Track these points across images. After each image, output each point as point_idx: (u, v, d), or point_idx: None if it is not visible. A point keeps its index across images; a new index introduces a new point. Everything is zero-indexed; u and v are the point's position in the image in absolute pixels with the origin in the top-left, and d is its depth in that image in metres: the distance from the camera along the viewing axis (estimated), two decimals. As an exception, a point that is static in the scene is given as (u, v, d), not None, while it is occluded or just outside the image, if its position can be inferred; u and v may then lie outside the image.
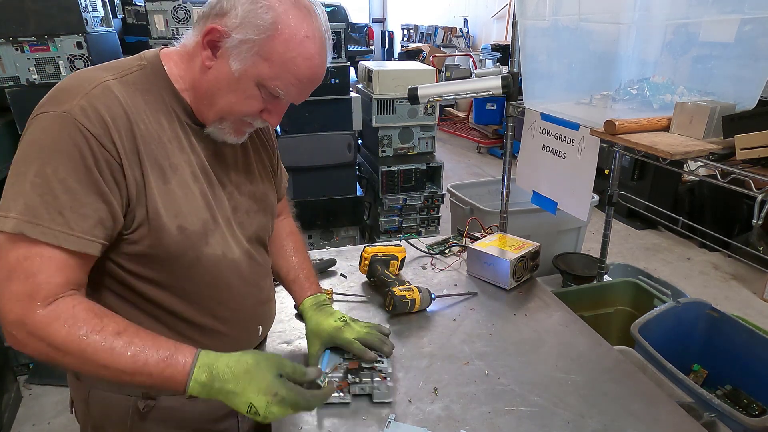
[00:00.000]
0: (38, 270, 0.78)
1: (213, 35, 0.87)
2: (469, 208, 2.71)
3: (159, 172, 0.89)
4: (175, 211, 0.90)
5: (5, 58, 2.41)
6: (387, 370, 1.16)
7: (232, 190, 1.03)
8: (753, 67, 1.15)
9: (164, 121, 0.92)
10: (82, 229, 0.81)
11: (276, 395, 0.85)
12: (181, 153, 0.93)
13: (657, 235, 4.25)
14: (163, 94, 0.92)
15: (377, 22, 13.54)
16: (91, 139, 0.81)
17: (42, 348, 0.79)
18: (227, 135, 0.96)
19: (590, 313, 2.10)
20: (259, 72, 0.87)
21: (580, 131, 1.36)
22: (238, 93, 0.90)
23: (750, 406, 1.67)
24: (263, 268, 1.12)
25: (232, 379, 0.84)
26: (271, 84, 0.89)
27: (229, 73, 0.88)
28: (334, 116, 3.03)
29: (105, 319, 0.82)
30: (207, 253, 0.95)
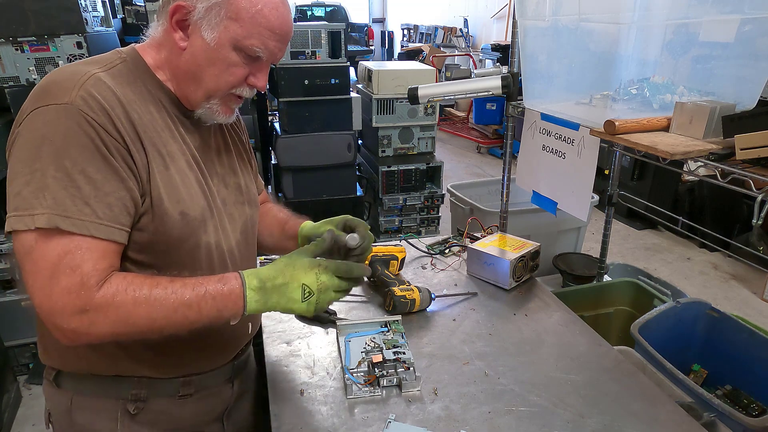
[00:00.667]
0: (82, 261, 0.79)
1: (179, 13, 0.87)
2: (469, 208, 2.71)
3: (160, 158, 0.90)
4: (177, 197, 0.91)
5: (5, 58, 2.41)
6: (410, 360, 1.18)
7: (219, 181, 1.04)
8: (753, 67, 1.15)
9: (153, 110, 0.92)
10: (110, 217, 0.82)
11: (320, 266, 0.93)
12: (174, 141, 0.94)
13: (657, 235, 4.25)
14: (148, 86, 0.93)
15: (377, 22, 13.55)
16: (99, 128, 0.82)
17: (108, 324, 0.81)
18: (217, 114, 0.96)
19: (590, 313, 2.10)
20: (232, 35, 0.87)
21: (580, 131, 1.36)
22: (219, 63, 0.90)
23: (750, 406, 1.67)
24: (250, 262, 1.13)
25: (278, 274, 0.91)
26: (247, 43, 0.89)
27: (204, 45, 0.88)
28: (334, 116, 3.03)
29: (155, 277, 0.86)
30: (205, 240, 0.97)
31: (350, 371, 1.16)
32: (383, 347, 1.23)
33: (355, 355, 1.21)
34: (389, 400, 1.11)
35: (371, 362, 1.17)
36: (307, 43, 2.91)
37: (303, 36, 2.89)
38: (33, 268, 0.79)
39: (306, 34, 2.89)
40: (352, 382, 1.13)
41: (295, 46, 2.90)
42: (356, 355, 1.21)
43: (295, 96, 2.94)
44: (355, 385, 1.13)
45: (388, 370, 1.15)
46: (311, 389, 1.15)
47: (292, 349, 1.29)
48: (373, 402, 1.11)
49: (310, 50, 2.92)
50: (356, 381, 1.14)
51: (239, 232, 1.07)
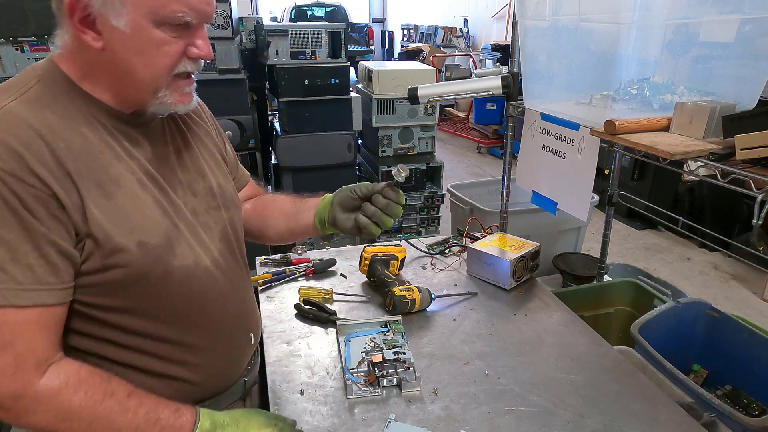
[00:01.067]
0: (12, 338, 0.71)
1: (77, 10, 0.75)
2: (469, 208, 2.71)
3: (98, 189, 0.79)
4: (130, 226, 0.81)
5: (5, 58, 2.41)
6: (410, 360, 1.18)
7: (185, 192, 0.93)
8: (753, 67, 1.15)
9: (86, 131, 0.80)
10: (32, 279, 0.72)
11: (276, 426, 0.91)
12: (119, 162, 0.83)
13: (657, 235, 4.25)
14: (75, 102, 0.81)
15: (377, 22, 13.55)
16: (9, 179, 0.70)
17: (44, 420, 0.74)
18: (173, 104, 0.85)
19: (590, 313, 2.10)
20: (145, 10, 0.76)
21: (580, 131, 1.36)
22: (146, 48, 0.78)
23: (750, 406, 1.67)
24: (239, 268, 1.04)
25: (232, 422, 0.88)
26: (167, 12, 0.77)
27: (121, 35, 0.76)
28: (334, 116, 3.03)
29: (113, 382, 0.79)
30: (176, 265, 0.87)
31: (350, 371, 1.16)
32: (383, 347, 1.23)
33: (355, 355, 1.21)
34: (389, 400, 1.11)
35: (371, 362, 1.17)
36: (307, 43, 2.91)
37: (303, 36, 2.89)
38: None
39: (306, 34, 2.89)
40: (352, 382, 1.13)
41: (295, 46, 2.90)
42: (356, 355, 1.21)
43: (295, 96, 2.94)
44: (355, 385, 1.13)
45: (388, 370, 1.15)
46: (311, 389, 1.15)
47: (292, 349, 1.29)
48: (373, 402, 1.11)
49: (310, 50, 2.92)
50: (356, 381, 1.14)
51: (219, 240, 0.97)
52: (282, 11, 11.14)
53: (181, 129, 0.98)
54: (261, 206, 1.24)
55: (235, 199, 1.06)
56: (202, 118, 1.06)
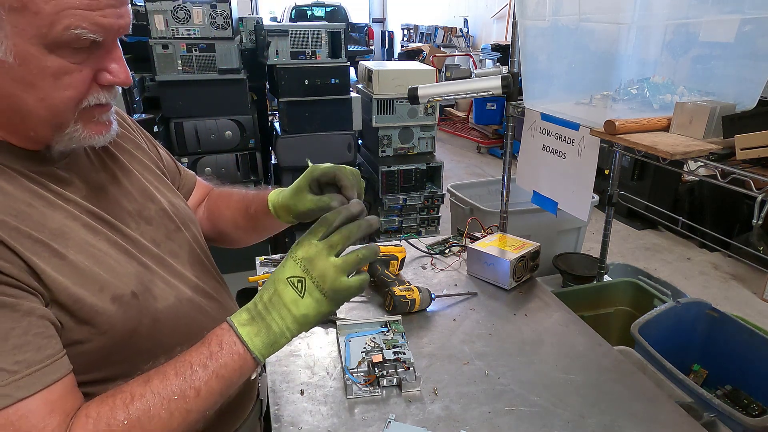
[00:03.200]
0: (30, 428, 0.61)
1: None
2: (469, 208, 2.71)
3: (44, 249, 0.65)
4: (98, 284, 0.69)
5: (5, 58, 2.40)
6: (410, 360, 1.18)
7: (138, 223, 0.81)
8: (753, 67, 1.15)
9: (3, 184, 0.66)
10: (28, 362, 0.61)
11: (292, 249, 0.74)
12: (54, 211, 0.69)
13: (657, 235, 4.24)
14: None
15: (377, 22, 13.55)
16: None
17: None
18: (87, 138, 0.70)
19: (590, 313, 2.10)
20: (33, 32, 0.59)
21: (580, 131, 1.36)
22: (38, 80, 0.62)
23: (750, 406, 1.67)
24: (218, 285, 0.95)
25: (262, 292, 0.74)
26: (60, 31, 0.60)
27: (4, 68, 0.61)
28: (334, 116, 3.03)
29: (124, 388, 0.67)
30: (160, 309, 0.77)
31: (350, 371, 1.16)
32: (383, 347, 1.23)
33: (355, 355, 1.21)
34: (389, 400, 1.11)
35: (371, 362, 1.17)
36: (307, 43, 2.90)
37: (303, 36, 2.89)
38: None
39: (306, 34, 2.89)
40: (352, 382, 1.13)
41: (295, 46, 2.90)
42: (356, 355, 1.21)
43: (295, 96, 2.94)
44: (355, 385, 1.13)
45: (388, 370, 1.15)
46: (311, 389, 1.15)
47: (292, 349, 1.29)
48: (373, 402, 1.11)
49: (310, 50, 2.92)
50: (356, 381, 1.14)
51: (189, 264, 0.87)
52: (282, 11, 11.14)
53: (110, 151, 0.83)
54: (214, 206, 1.09)
55: (190, 214, 0.95)
56: (127, 131, 0.91)
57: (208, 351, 0.69)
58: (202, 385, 0.67)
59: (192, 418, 0.67)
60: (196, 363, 0.68)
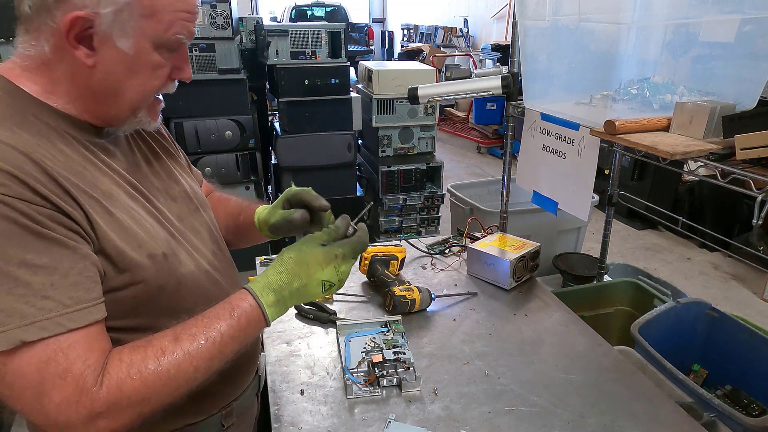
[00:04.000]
0: (69, 364, 0.67)
1: (79, 26, 0.70)
2: (469, 208, 2.71)
3: (98, 205, 0.74)
4: (137, 240, 0.77)
5: (5, 58, 2.40)
6: (410, 360, 1.18)
7: (166, 199, 0.91)
8: (753, 67, 1.15)
9: (64, 147, 0.75)
10: (78, 299, 0.69)
11: (336, 257, 0.88)
12: (104, 176, 0.78)
13: (657, 235, 4.24)
14: (43, 119, 0.75)
15: (377, 22, 13.55)
16: (16, 203, 0.65)
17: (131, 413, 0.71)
18: (145, 123, 0.85)
19: (590, 313, 2.10)
20: (151, 33, 0.74)
21: (580, 131, 1.36)
22: (142, 71, 0.77)
23: (750, 406, 1.67)
24: (231, 266, 1.04)
25: (292, 278, 0.85)
26: (170, 36, 0.75)
27: (121, 56, 0.74)
28: (334, 116, 3.03)
29: (155, 342, 0.74)
30: (184, 273, 0.85)
31: (350, 371, 1.16)
32: (383, 347, 1.23)
33: (355, 355, 1.21)
34: (389, 400, 1.11)
35: (371, 362, 1.17)
36: (307, 43, 2.91)
37: (303, 36, 2.89)
38: (12, 393, 0.66)
39: (306, 34, 2.89)
40: (352, 382, 1.13)
41: (295, 46, 2.90)
42: (356, 355, 1.21)
43: (295, 96, 2.94)
44: (355, 385, 1.13)
45: (388, 370, 1.15)
46: (311, 389, 1.15)
47: (292, 349, 1.29)
48: (373, 402, 1.11)
49: (310, 50, 2.92)
50: (356, 381, 1.14)
51: (210, 241, 0.96)
52: (282, 11, 11.14)
53: (143, 137, 0.95)
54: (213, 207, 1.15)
55: (205, 200, 1.04)
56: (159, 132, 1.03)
57: (237, 324, 0.79)
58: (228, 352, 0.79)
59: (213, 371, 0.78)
60: (226, 334, 0.78)
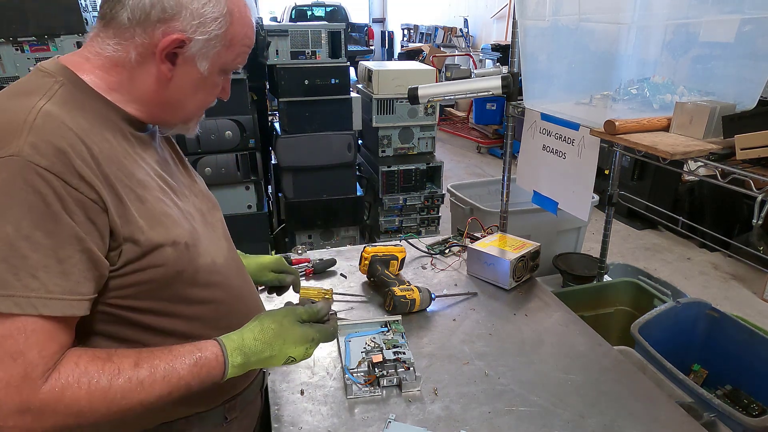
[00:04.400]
0: (26, 347, 0.67)
1: (174, 45, 0.79)
2: (469, 208, 2.71)
3: (132, 193, 0.79)
4: (164, 228, 0.82)
5: (5, 58, 2.41)
6: (410, 360, 1.18)
7: (189, 194, 0.96)
8: (753, 67, 1.15)
9: (110, 136, 0.80)
10: (63, 289, 0.70)
11: (312, 340, 0.92)
12: (138, 167, 0.83)
13: (657, 235, 4.24)
14: (98, 109, 0.81)
15: (377, 22, 13.55)
16: (55, 181, 0.68)
17: (61, 420, 0.70)
18: (189, 131, 0.94)
19: (590, 313, 2.10)
20: (223, 60, 0.85)
21: (580, 131, 1.36)
22: (207, 89, 0.88)
23: (750, 406, 1.67)
24: (242, 265, 1.07)
25: (266, 347, 0.87)
26: (234, 65, 0.87)
27: (196, 75, 0.84)
28: (334, 116, 3.03)
29: (115, 359, 0.75)
30: (201, 263, 0.89)
31: (350, 371, 1.16)
32: (383, 347, 1.23)
33: (355, 355, 1.21)
34: (389, 400, 1.11)
35: (371, 362, 1.17)
36: (307, 43, 2.90)
37: (303, 36, 2.89)
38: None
39: (306, 34, 2.89)
40: (352, 382, 1.13)
41: (295, 46, 2.90)
42: (356, 355, 1.21)
43: (295, 96, 2.94)
44: (355, 385, 1.13)
45: (388, 370, 1.15)
46: (311, 389, 1.15)
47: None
48: (373, 402, 1.11)
49: (310, 50, 2.92)
50: (356, 381, 1.14)
51: (224, 238, 1.01)
52: (282, 11, 11.14)
53: (168, 139, 1.03)
54: None
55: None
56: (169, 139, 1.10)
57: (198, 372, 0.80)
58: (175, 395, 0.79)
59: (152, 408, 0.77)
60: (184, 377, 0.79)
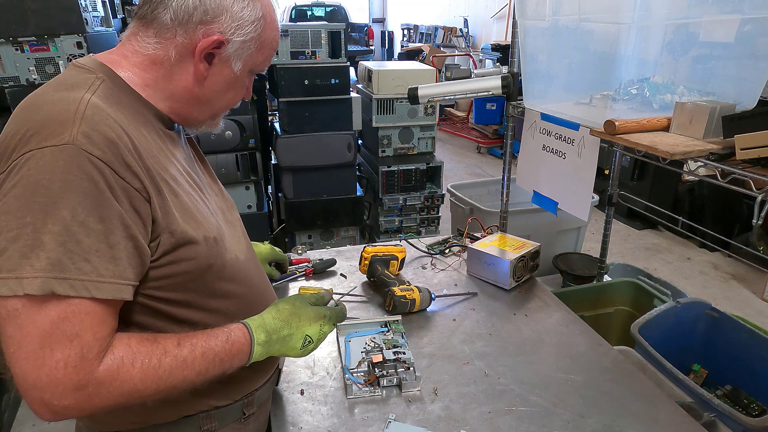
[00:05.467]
0: (82, 329, 0.70)
1: (213, 46, 0.83)
2: (469, 208, 2.71)
3: (167, 186, 0.82)
4: (195, 222, 0.85)
5: (5, 58, 2.41)
6: (410, 360, 1.19)
7: (211, 193, 0.99)
8: (753, 67, 1.15)
9: (145, 132, 0.84)
10: (113, 273, 0.73)
11: (324, 317, 0.98)
12: (170, 163, 0.87)
13: (657, 235, 4.24)
14: (134, 105, 0.84)
15: (377, 22, 13.55)
16: (105, 169, 0.72)
17: (114, 399, 0.74)
18: (213, 128, 0.97)
19: (590, 313, 2.10)
20: (253, 61, 0.89)
21: (580, 131, 1.36)
22: (237, 88, 0.92)
23: (750, 406, 1.67)
24: (258, 263, 1.10)
25: (284, 325, 0.93)
26: (261, 65, 0.91)
27: (229, 74, 0.88)
28: (334, 116, 3.03)
29: (160, 340, 0.79)
30: (228, 258, 0.92)
31: (350, 371, 1.16)
32: (383, 347, 1.23)
33: (355, 355, 1.21)
34: (389, 400, 1.11)
35: (371, 362, 1.17)
36: (307, 43, 2.90)
37: (303, 36, 2.89)
38: (18, 333, 0.68)
39: (306, 34, 2.89)
40: (352, 382, 1.13)
41: (295, 46, 2.90)
42: (356, 355, 1.21)
43: (295, 96, 2.94)
44: (355, 385, 1.13)
45: (388, 370, 1.15)
46: (311, 389, 1.15)
47: (292, 349, 1.29)
48: (373, 402, 1.11)
49: (310, 50, 2.92)
50: (356, 381, 1.14)
51: (243, 236, 1.04)
52: (282, 11, 11.14)
53: (191, 140, 1.06)
54: None
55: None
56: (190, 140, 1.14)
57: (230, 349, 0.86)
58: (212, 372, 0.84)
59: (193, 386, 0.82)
60: (219, 354, 0.84)
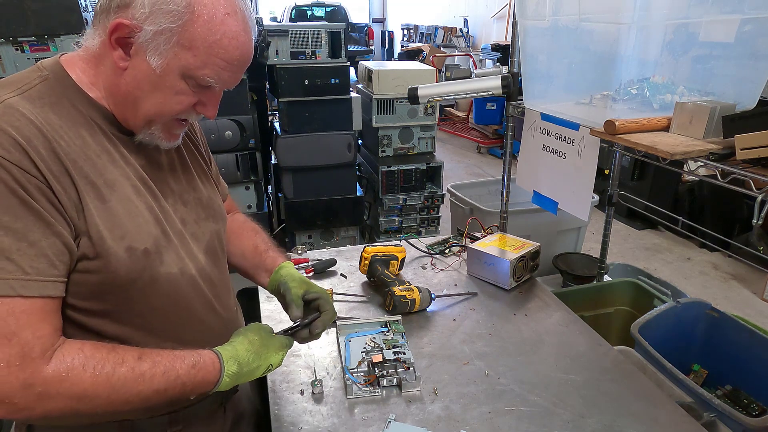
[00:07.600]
0: (18, 327, 0.71)
1: (121, 31, 0.77)
2: (469, 208, 2.71)
3: (94, 191, 0.80)
4: (121, 232, 0.82)
5: (5, 58, 2.41)
6: (410, 360, 1.19)
7: (176, 201, 0.94)
8: (753, 67, 1.15)
9: (86, 134, 0.81)
10: (38, 270, 0.73)
11: (285, 346, 1.00)
12: (115, 167, 0.84)
13: (657, 235, 4.24)
14: (77, 105, 0.82)
15: (377, 22, 13.55)
16: (13, 168, 0.71)
17: (62, 403, 0.73)
18: (159, 140, 0.88)
19: (590, 313, 2.10)
20: (183, 63, 0.79)
21: (580, 131, 1.36)
22: (164, 91, 0.82)
23: (750, 406, 1.67)
24: (223, 281, 1.04)
25: (255, 357, 0.93)
26: (199, 74, 0.80)
27: (149, 70, 0.79)
28: (334, 116, 3.03)
29: (120, 350, 0.79)
30: (162, 272, 0.87)
31: (350, 371, 1.16)
32: (383, 347, 1.23)
33: (355, 355, 1.21)
34: (389, 400, 1.11)
35: (371, 362, 1.17)
36: (307, 43, 2.90)
37: (303, 36, 2.89)
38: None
39: (306, 34, 2.89)
40: (352, 382, 1.13)
41: (295, 46, 2.90)
42: (356, 355, 1.21)
43: (295, 96, 2.94)
44: (355, 385, 1.13)
45: (388, 370, 1.15)
46: (311, 389, 1.15)
47: (292, 349, 1.28)
48: (373, 402, 1.11)
49: (310, 50, 2.92)
50: (356, 381, 1.14)
51: (205, 250, 0.98)
52: (282, 11, 11.14)
53: (187, 143, 1.02)
54: (230, 229, 1.19)
55: (222, 213, 1.07)
56: (192, 133, 1.08)
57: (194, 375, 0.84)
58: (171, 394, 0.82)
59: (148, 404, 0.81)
60: (181, 377, 0.83)
